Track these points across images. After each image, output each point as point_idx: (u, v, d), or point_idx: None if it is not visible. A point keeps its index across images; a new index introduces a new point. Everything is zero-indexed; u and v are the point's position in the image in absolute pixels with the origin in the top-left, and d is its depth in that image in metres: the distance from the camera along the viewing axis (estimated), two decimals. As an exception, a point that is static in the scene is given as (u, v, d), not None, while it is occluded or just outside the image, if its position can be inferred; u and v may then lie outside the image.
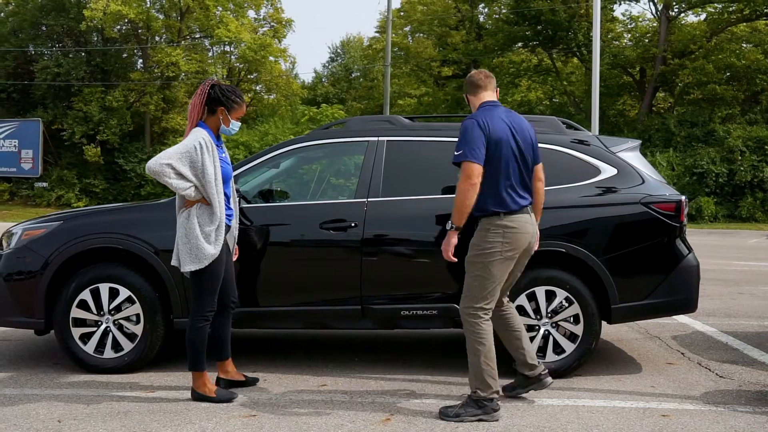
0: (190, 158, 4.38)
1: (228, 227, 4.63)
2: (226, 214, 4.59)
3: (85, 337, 5.15)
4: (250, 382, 4.92)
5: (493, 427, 4.11)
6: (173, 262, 4.56)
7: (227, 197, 4.63)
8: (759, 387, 4.99)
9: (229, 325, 4.85)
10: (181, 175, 4.37)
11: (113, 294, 5.14)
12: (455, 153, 4.29)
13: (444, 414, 4.25)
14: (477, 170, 4.20)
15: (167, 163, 4.35)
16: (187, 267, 4.42)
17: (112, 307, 5.14)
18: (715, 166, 26.71)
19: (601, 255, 5.05)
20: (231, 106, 4.57)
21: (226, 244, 4.61)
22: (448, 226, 4.32)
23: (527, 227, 4.37)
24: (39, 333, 5.43)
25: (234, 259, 4.86)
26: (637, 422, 4.21)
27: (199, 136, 4.44)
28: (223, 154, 4.65)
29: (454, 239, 4.30)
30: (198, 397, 4.56)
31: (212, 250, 4.40)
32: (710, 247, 16.35)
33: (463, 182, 4.22)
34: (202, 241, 4.38)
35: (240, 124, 4.68)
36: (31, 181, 32.95)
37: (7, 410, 4.35)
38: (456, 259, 4.36)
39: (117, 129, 32.64)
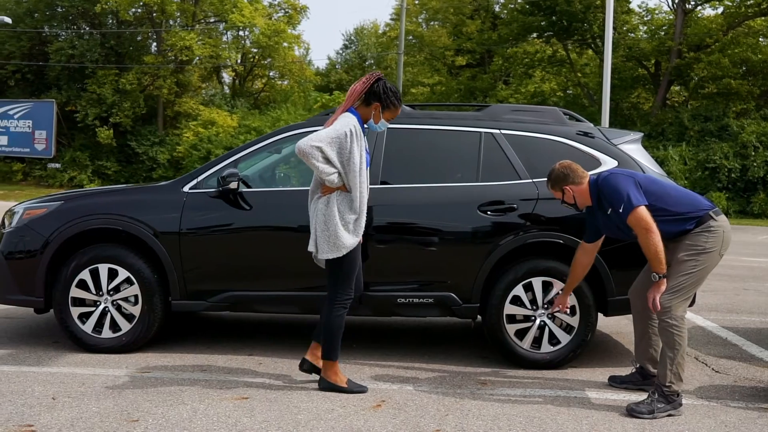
0: (339, 144, 4.29)
1: None
2: None
3: (84, 317, 5.20)
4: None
5: (483, 416, 4.12)
6: (310, 248, 4.44)
7: None
8: (754, 383, 4.98)
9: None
10: (327, 160, 4.27)
11: (112, 274, 5.17)
12: (619, 211, 4.29)
13: (637, 412, 4.20)
14: (646, 214, 4.25)
15: (317, 146, 4.24)
16: (325, 255, 4.34)
17: (110, 287, 5.18)
18: (728, 161, 26.55)
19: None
20: (387, 105, 4.47)
21: None
22: (654, 278, 4.33)
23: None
24: (38, 312, 5.47)
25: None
26: (627, 415, 4.21)
27: (351, 122, 4.34)
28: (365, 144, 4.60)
29: (663, 286, 4.32)
30: (328, 386, 4.50)
31: (351, 240, 4.33)
32: (719, 242, 16.21)
33: (642, 235, 4.26)
34: (342, 230, 4.31)
35: (387, 124, 4.60)
36: (44, 162, 33.21)
37: (3, 386, 4.40)
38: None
39: (130, 112, 32.79)
